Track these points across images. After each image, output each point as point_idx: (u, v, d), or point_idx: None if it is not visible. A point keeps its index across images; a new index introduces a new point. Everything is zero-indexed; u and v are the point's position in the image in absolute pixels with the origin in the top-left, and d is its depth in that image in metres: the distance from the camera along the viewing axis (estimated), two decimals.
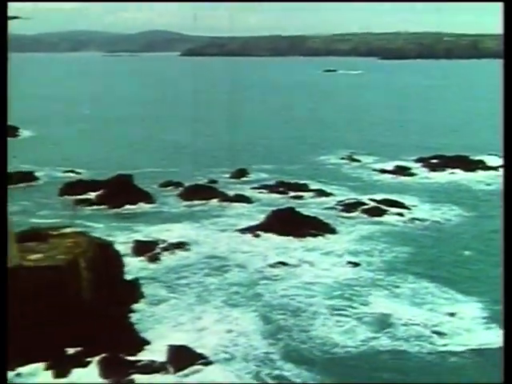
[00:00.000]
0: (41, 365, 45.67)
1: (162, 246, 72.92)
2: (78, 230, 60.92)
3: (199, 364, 46.49)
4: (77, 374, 45.10)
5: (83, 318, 48.31)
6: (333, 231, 79.09)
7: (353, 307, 57.68)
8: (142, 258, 69.24)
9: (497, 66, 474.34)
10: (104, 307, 50.50)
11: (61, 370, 45.03)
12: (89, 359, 46.16)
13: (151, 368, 45.80)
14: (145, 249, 70.92)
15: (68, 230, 58.47)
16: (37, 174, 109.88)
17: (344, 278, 64.28)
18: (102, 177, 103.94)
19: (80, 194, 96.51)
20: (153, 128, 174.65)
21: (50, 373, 45.09)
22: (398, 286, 62.13)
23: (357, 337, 51.94)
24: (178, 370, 45.90)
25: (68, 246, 53.21)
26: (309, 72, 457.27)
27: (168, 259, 69.11)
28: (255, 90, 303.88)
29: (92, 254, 53.31)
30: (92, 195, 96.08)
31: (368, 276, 64.96)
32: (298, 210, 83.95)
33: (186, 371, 45.64)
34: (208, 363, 46.68)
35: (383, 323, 54.36)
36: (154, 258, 69.20)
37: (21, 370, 45.12)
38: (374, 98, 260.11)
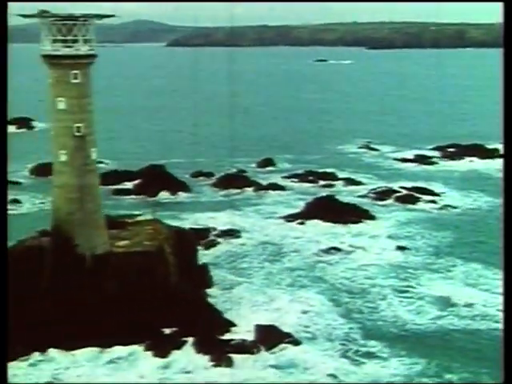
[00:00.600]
0: (138, 347, 48.29)
1: (213, 233, 75.73)
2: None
3: (287, 343, 49.52)
4: (174, 355, 47.72)
5: (172, 301, 51.01)
6: (372, 217, 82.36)
7: (412, 287, 60.98)
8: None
9: (484, 55, 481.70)
10: (189, 291, 53.27)
11: (160, 351, 47.69)
12: (184, 339, 48.96)
13: (243, 347, 48.64)
14: (199, 236, 73.38)
15: (142, 218, 61.09)
16: None
17: (396, 262, 67.48)
18: (129, 167, 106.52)
19: (115, 184, 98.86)
20: (162, 119, 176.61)
21: (149, 353, 47.74)
22: (449, 269, 65.38)
23: (425, 316, 55.09)
24: (268, 348, 48.81)
25: (149, 232, 55.82)
26: (300, 62, 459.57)
27: (224, 246, 71.79)
28: (253, 81, 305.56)
29: (173, 240, 56.04)
30: (128, 185, 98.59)
31: (418, 259, 68.18)
32: None
33: (275, 349, 48.57)
34: (295, 342, 49.65)
35: (445, 303, 57.54)
36: (210, 245, 71.84)
37: (120, 351, 47.75)
38: (374, 88, 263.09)
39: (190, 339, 48.85)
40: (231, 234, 75.61)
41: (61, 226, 49.95)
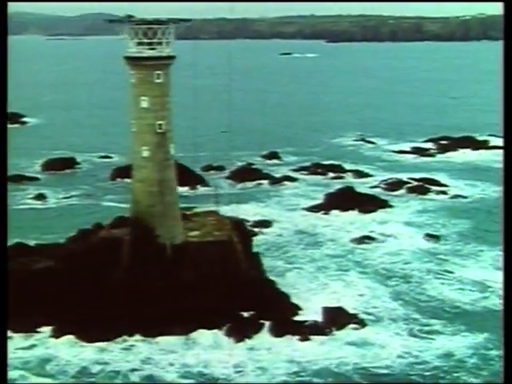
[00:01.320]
0: (219, 331, 51.61)
1: (247, 224, 79.03)
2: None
3: (354, 323, 53.39)
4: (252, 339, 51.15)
5: (245, 286, 54.41)
6: (391, 207, 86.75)
7: (449, 272, 65.45)
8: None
9: (444, 48, 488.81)
10: (258, 277, 56.77)
11: (241, 334, 51.02)
12: (262, 321, 52.45)
13: (317, 327, 52.34)
14: None
15: (199, 210, 64.25)
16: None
17: (427, 248, 71.93)
18: None
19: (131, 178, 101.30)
20: None
21: (231, 336, 51.07)
22: (478, 254, 70.07)
23: (469, 296, 59.56)
24: (338, 329, 52.58)
25: (213, 223, 59.12)
26: (265, 55, 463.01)
27: (260, 236, 75.17)
28: (224, 75, 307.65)
29: (236, 230, 59.39)
30: None
31: (446, 246, 72.71)
32: None
33: (345, 330, 52.40)
34: (362, 323, 53.56)
35: (483, 286, 62.07)
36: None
37: (203, 336, 50.93)
38: (347, 82, 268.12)
39: (267, 322, 52.64)
40: (264, 224, 79.15)
41: (142, 218, 52.98)
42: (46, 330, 51.80)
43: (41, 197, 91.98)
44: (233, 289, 53.34)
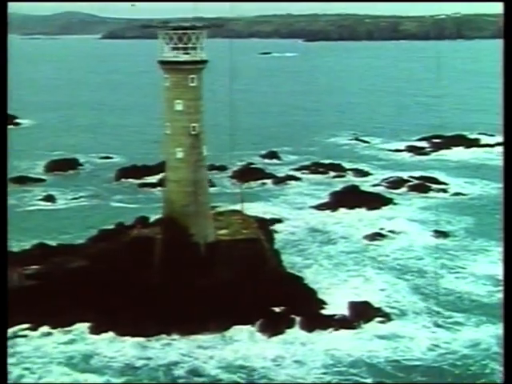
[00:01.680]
0: (251, 327, 53.44)
1: None
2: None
3: (380, 317, 55.56)
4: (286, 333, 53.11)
5: (275, 283, 56.37)
6: (396, 205, 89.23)
7: (461, 267, 67.90)
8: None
9: (420, 47, 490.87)
10: (285, 273, 58.79)
11: (274, 329, 52.90)
12: (293, 316, 54.42)
13: (345, 321, 54.44)
14: None
15: (222, 209, 66.04)
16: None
17: (436, 244, 74.36)
18: (136, 161, 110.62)
19: (136, 178, 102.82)
20: (138, 114, 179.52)
21: (264, 332, 52.96)
22: (486, 249, 72.64)
23: (483, 289, 62.07)
24: (365, 322, 54.72)
25: (239, 222, 60.99)
26: (245, 54, 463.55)
27: (275, 234, 76.75)
28: (207, 75, 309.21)
29: (260, 228, 61.30)
30: (148, 179, 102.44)
31: (455, 242, 75.23)
32: None
33: (372, 324, 54.51)
34: (387, 316, 55.74)
35: (495, 279, 64.52)
36: None
37: (232, 332, 52.76)
38: (332, 81, 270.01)
39: (298, 317, 54.60)
40: (276, 222, 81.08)
41: (176, 218, 54.67)
42: (85, 326, 53.46)
43: (50, 198, 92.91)
44: (264, 285, 55.25)
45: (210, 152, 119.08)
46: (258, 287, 54.83)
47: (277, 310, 54.73)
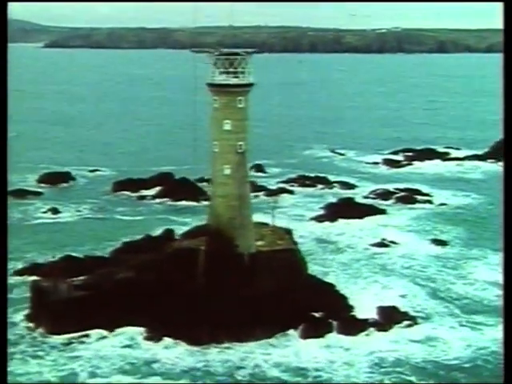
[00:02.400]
0: (293, 331, 57.43)
1: None
2: None
3: (407, 320, 60.22)
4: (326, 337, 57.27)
5: (309, 289, 60.50)
6: (389, 215, 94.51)
7: (465, 275, 73.21)
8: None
9: (363, 60, 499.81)
10: (318, 280, 62.98)
11: (315, 333, 56.99)
12: (330, 321, 58.62)
13: (378, 325, 58.90)
14: None
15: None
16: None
17: (437, 253, 79.52)
18: (126, 174, 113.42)
19: (133, 191, 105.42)
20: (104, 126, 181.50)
21: (306, 336, 56.96)
22: (485, 257, 78.17)
23: (491, 293, 67.36)
24: (395, 325, 59.31)
25: (270, 233, 64.73)
26: (195, 66, 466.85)
27: None
28: (167, 87, 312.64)
29: (290, 239, 65.40)
30: (145, 192, 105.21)
31: (454, 250, 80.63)
32: None
33: (402, 327, 59.09)
34: (414, 320, 60.42)
35: (500, 285, 70.00)
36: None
37: (277, 337, 56.57)
38: (287, 94, 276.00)
39: (334, 322, 58.76)
40: None
41: (223, 230, 58.23)
42: (139, 334, 56.48)
43: (54, 211, 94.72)
44: (302, 292, 59.27)
45: (192, 165, 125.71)
46: (296, 294, 58.87)
47: (316, 315, 58.87)
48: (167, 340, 55.45)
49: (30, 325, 58.43)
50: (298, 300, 58.55)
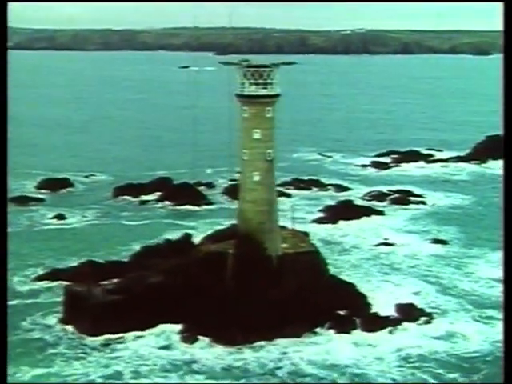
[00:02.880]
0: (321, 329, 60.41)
1: None
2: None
3: (425, 316, 63.57)
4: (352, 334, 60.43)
5: (332, 289, 63.56)
6: (387, 216, 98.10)
7: (470, 272, 76.84)
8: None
9: (330, 61, 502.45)
10: (340, 280, 66.09)
11: (342, 329, 60.09)
12: (354, 318, 61.75)
13: (398, 321, 62.16)
14: None
15: None
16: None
17: (439, 252, 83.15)
18: (122, 179, 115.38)
19: (133, 196, 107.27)
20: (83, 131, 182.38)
21: (336, 332, 60.06)
22: (485, 256, 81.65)
23: (496, 289, 70.86)
24: (412, 321, 62.64)
25: (291, 236, 67.56)
26: (164, 68, 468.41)
27: None
28: (143, 90, 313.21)
29: (309, 241, 68.39)
30: (146, 197, 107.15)
31: (454, 249, 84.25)
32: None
33: (421, 323, 62.44)
34: (430, 315, 63.84)
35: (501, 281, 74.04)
36: None
37: (308, 335, 59.51)
38: None
39: (357, 319, 61.92)
40: None
41: (253, 234, 61.00)
42: (174, 335, 58.90)
43: (60, 217, 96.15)
44: (326, 292, 62.30)
45: (186, 169, 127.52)
46: (321, 294, 61.84)
47: (341, 313, 61.95)
48: (202, 341, 58.01)
49: (66, 327, 60.55)
50: (323, 299, 61.48)
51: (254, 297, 59.37)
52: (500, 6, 77.94)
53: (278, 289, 60.34)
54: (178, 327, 59.15)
